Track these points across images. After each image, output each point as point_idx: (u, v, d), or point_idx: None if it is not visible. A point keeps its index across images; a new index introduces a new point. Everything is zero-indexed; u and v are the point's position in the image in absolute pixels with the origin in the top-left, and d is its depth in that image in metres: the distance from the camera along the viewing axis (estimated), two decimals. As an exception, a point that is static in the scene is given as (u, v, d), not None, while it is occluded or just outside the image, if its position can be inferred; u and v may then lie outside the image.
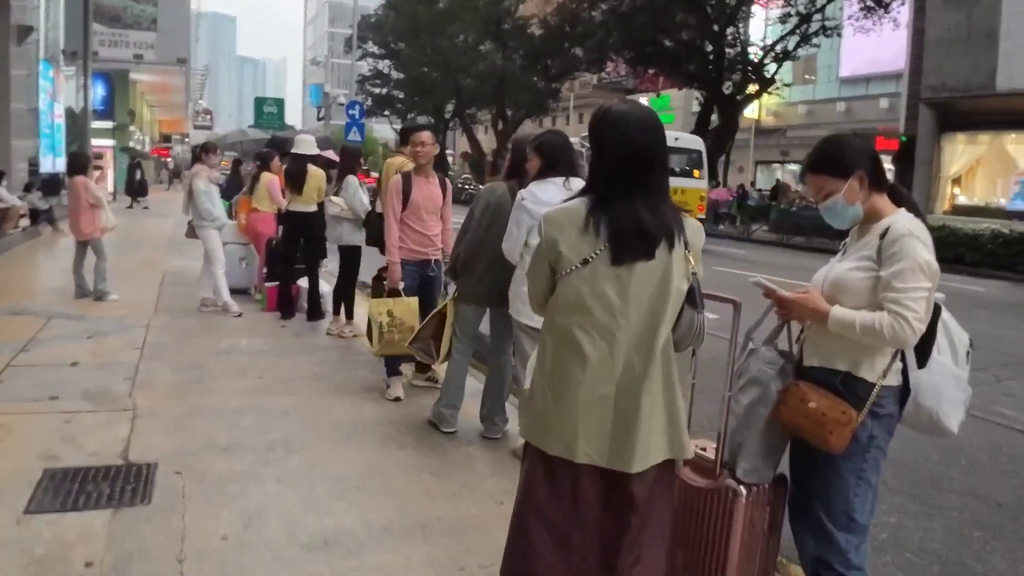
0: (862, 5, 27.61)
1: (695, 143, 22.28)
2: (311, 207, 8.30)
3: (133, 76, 34.43)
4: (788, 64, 31.80)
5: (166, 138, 57.25)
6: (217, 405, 5.35)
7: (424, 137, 5.70)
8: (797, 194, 32.87)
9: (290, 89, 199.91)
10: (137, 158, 29.38)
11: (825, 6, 29.50)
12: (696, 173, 21.84)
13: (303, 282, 8.67)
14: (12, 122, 19.35)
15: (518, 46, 42.70)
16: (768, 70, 31.19)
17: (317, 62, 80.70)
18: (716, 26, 30.80)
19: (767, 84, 31.14)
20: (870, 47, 31.42)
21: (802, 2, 29.32)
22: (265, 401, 5.49)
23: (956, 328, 2.69)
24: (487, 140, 49.66)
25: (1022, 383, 7.41)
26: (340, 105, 32.25)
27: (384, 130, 64.51)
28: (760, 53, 31.77)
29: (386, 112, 53.42)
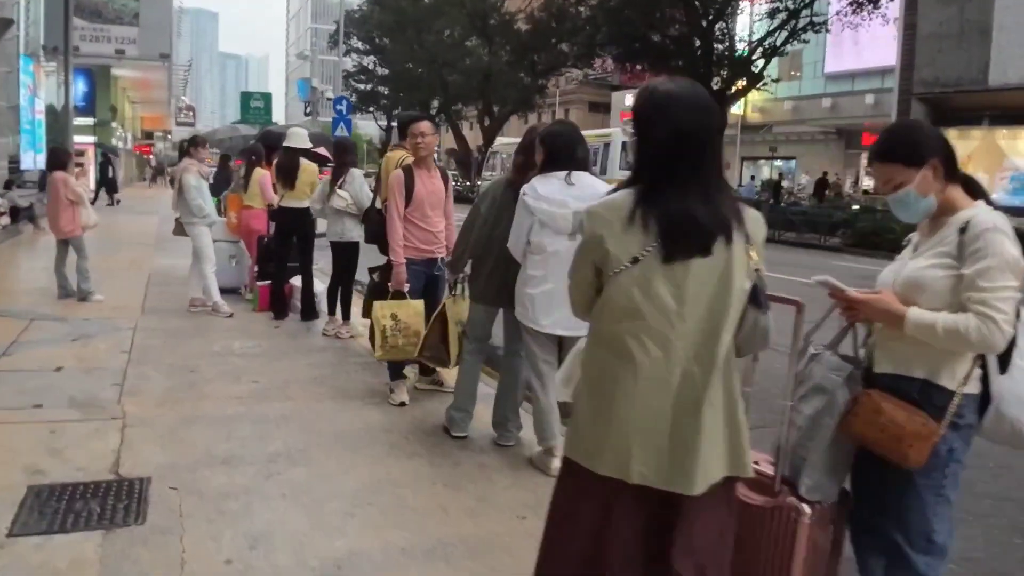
0: (851, 0, 27.48)
1: None
2: (304, 203, 7.99)
3: (115, 72, 33.84)
4: (774, 60, 31.64)
5: (148, 135, 56.62)
6: (212, 412, 5.05)
7: (424, 127, 5.40)
8: (786, 190, 32.97)
9: (273, 86, 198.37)
10: (108, 154, 28.46)
11: (813, 2, 29.37)
12: None
13: (296, 281, 8.36)
14: (-8, 119, 18.92)
15: (504, 41, 42.36)
16: (756, 66, 31.04)
17: (305, 56, 79.94)
18: (705, 21, 30.63)
19: (756, 80, 31.00)
20: (855, 43, 31.33)
21: (790, -2, 29.19)
22: (262, 407, 5.19)
23: None
24: (473, 136, 49.31)
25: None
26: (328, 100, 31.85)
27: (369, 126, 64.12)
28: (748, 49, 31.61)
29: (371, 108, 53.03)
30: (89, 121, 31.32)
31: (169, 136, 61.68)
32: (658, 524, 2.17)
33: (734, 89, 31.67)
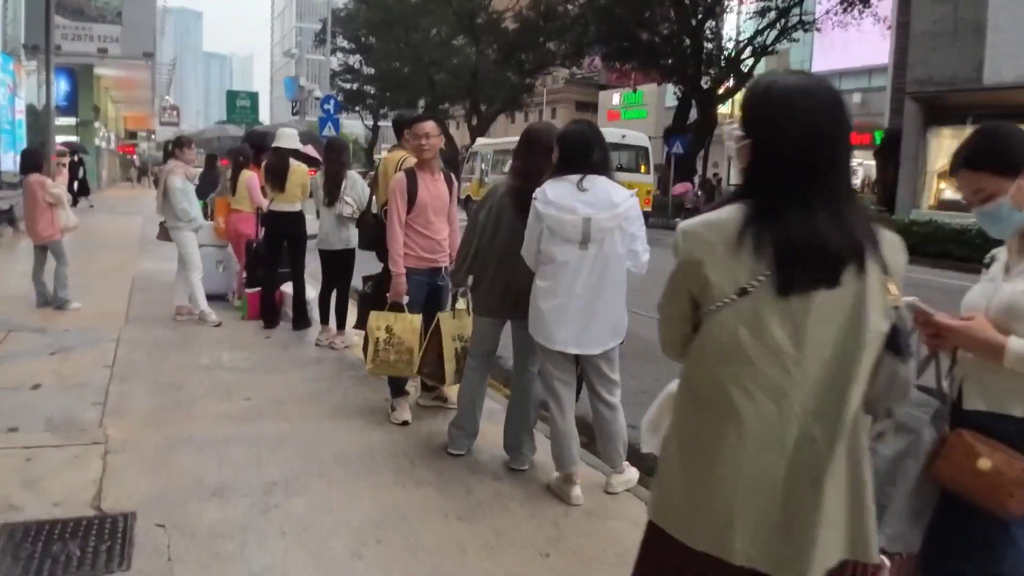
0: (842, -1, 27.41)
1: (642, 140, 24.85)
2: (295, 206, 7.64)
3: (98, 71, 33.20)
4: (762, 60, 31.46)
5: (132, 135, 55.88)
6: (201, 434, 4.69)
7: (428, 127, 5.05)
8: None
9: (257, 85, 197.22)
10: (79, 154, 27.48)
11: (803, 0, 29.22)
12: (643, 168, 24.45)
13: (287, 287, 7.99)
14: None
15: (492, 40, 42.01)
16: (746, 64, 30.86)
17: (292, 54, 79.15)
18: (694, 20, 30.42)
19: (745, 79, 30.84)
20: (842, 42, 31.20)
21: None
22: (256, 428, 4.84)
23: None
24: (460, 136, 48.93)
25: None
26: (316, 99, 31.42)
27: (355, 126, 63.55)
28: (738, 47, 31.42)
29: (357, 108, 52.57)
30: (71, 121, 30.70)
31: (153, 136, 60.89)
32: None
33: (723, 89, 31.50)
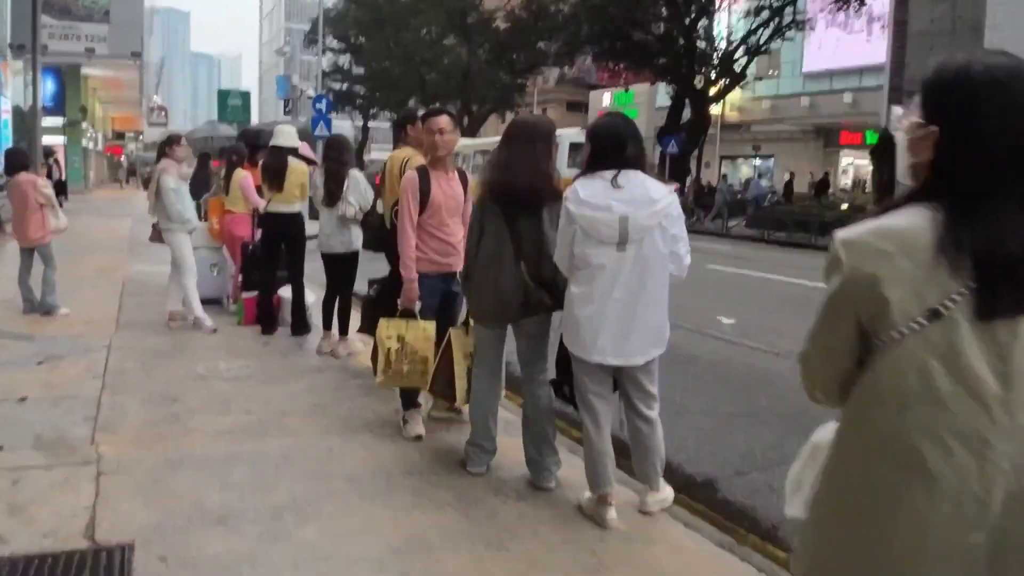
0: (836, -2, 27.17)
1: None
2: (294, 207, 7.31)
3: (85, 71, 32.72)
4: (754, 59, 31.29)
5: (119, 135, 55.30)
6: (200, 452, 4.37)
7: (443, 123, 4.74)
8: (770, 188, 32.64)
9: (246, 86, 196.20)
10: (54, 155, 26.62)
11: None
12: None
13: (285, 291, 7.66)
14: (-45, 118, 17.99)
15: (483, 40, 41.70)
16: (739, 64, 30.67)
17: (283, 52, 78.46)
18: (688, 19, 30.19)
19: (739, 79, 30.65)
20: (834, 42, 31.06)
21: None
22: (258, 445, 4.52)
23: None
24: (453, 136, 48.53)
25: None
26: (309, 98, 31.07)
27: (344, 127, 63.15)
28: (731, 46, 31.22)
29: (347, 108, 52.15)
30: (58, 122, 30.20)
31: (141, 137, 60.30)
32: None
33: (716, 89, 31.30)
